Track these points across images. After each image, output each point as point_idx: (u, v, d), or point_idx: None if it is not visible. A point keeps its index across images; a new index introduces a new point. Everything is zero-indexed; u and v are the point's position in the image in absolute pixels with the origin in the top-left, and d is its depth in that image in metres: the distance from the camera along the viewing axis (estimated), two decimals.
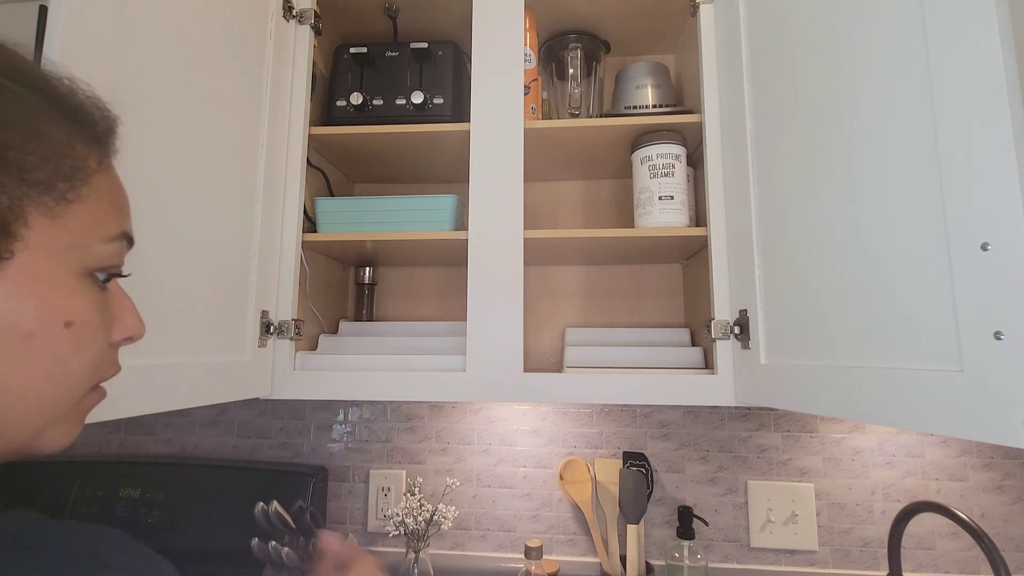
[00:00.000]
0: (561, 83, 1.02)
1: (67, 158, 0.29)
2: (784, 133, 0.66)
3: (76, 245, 0.30)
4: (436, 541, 1.06)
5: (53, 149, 0.29)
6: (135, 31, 0.55)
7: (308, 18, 0.89)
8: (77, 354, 0.30)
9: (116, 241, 0.33)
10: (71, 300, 0.30)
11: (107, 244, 0.32)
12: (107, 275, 0.33)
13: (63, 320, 0.29)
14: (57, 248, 0.29)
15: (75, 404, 0.32)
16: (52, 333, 0.29)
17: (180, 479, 1.04)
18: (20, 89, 0.28)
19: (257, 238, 0.78)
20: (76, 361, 0.30)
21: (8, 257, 0.27)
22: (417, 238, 0.86)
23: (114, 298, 0.34)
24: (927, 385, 0.45)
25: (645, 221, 0.86)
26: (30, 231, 0.27)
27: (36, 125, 0.28)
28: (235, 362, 0.73)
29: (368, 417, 1.12)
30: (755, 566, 1.00)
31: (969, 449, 0.98)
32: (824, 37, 0.59)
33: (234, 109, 0.73)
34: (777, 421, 1.02)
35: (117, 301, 0.35)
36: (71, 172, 0.29)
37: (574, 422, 1.07)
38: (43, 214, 0.28)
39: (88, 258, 0.31)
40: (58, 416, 0.31)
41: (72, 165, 0.30)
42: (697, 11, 0.86)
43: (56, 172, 0.29)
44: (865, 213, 0.53)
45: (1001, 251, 0.40)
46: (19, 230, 0.27)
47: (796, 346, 0.63)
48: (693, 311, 1.00)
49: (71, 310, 0.30)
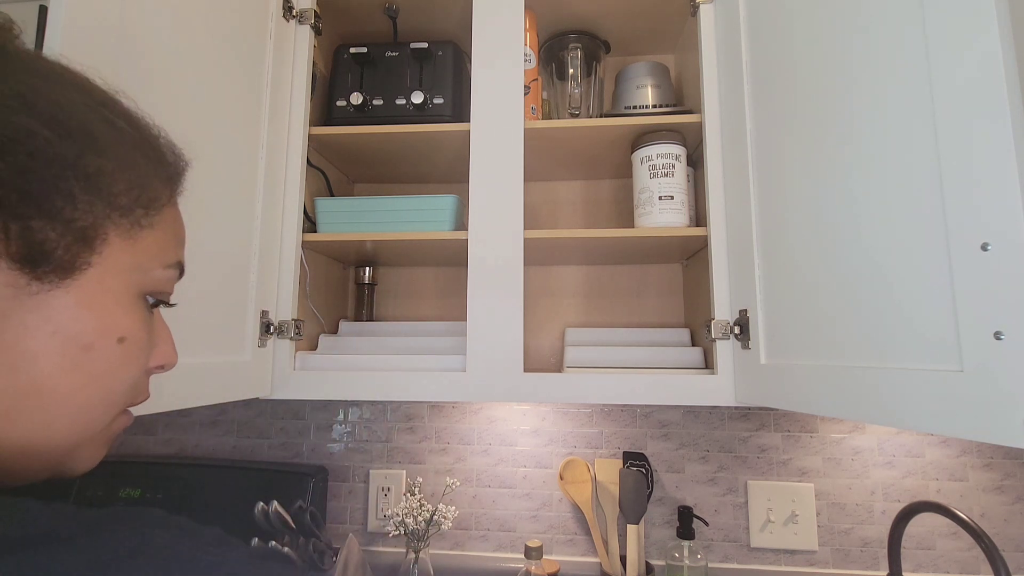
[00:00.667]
0: (561, 83, 1.02)
1: (147, 189, 0.33)
2: (784, 133, 0.66)
3: (140, 267, 0.32)
4: (436, 541, 1.06)
5: (138, 181, 0.32)
6: (135, 31, 0.55)
7: (308, 18, 0.89)
8: (123, 370, 0.32)
9: (172, 269, 0.35)
10: (127, 318, 0.31)
11: (164, 270, 0.34)
12: (156, 300, 0.35)
13: (118, 335, 0.31)
14: (125, 267, 0.31)
15: (108, 424, 0.33)
16: (107, 346, 0.30)
17: (180, 479, 1.04)
18: (122, 124, 0.32)
19: (257, 238, 0.78)
20: (121, 377, 0.32)
21: (84, 268, 0.29)
22: (417, 238, 0.86)
23: (157, 325, 0.36)
24: (927, 385, 0.45)
25: (645, 221, 0.86)
26: (107, 247, 0.30)
27: (130, 158, 0.32)
28: (235, 362, 0.73)
29: (368, 417, 1.12)
30: (755, 566, 1.00)
31: (969, 449, 0.98)
32: (824, 37, 0.59)
33: (234, 109, 0.73)
34: (777, 421, 1.02)
35: (159, 330, 0.36)
36: (148, 201, 0.33)
37: (574, 422, 1.07)
38: (120, 235, 0.31)
39: (147, 281, 0.33)
40: (93, 433, 0.32)
41: (150, 196, 0.33)
42: (697, 11, 0.86)
43: (137, 200, 0.32)
44: (865, 213, 0.53)
45: (1001, 251, 0.40)
46: (98, 245, 0.30)
47: (796, 346, 0.63)
48: (693, 311, 1.00)
49: (126, 327, 0.31)
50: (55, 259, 0.28)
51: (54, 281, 0.28)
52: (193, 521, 0.30)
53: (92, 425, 0.31)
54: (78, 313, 0.29)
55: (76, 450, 0.31)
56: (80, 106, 0.30)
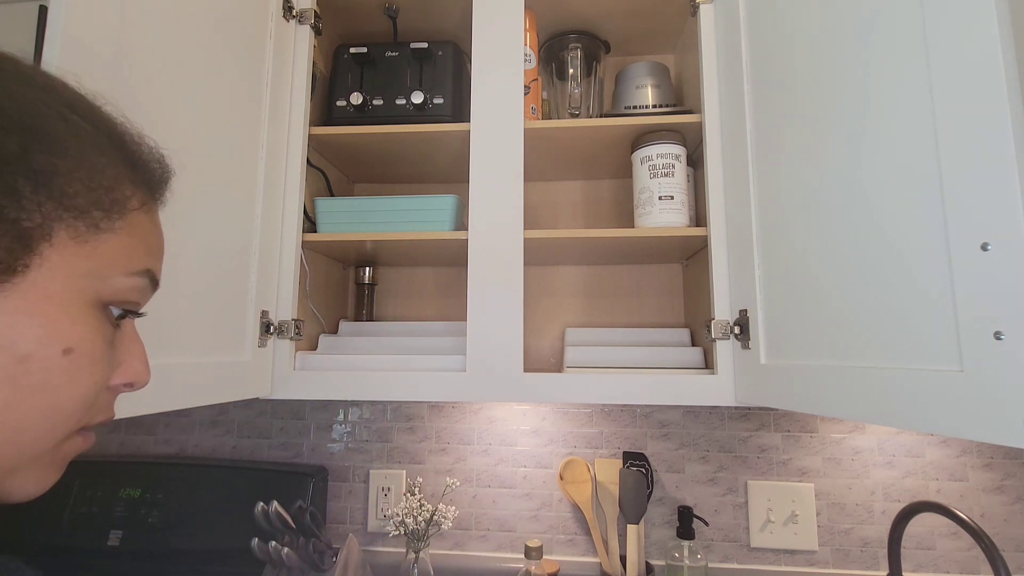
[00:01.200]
0: (561, 83, 1.02)
1: (110, 191, 0.31)
2: (784, 133, 0.66)
3: (96, 274, 0.30)
4: (436, 541, 1.06)
5: (98, 182, 0.30)
6: (135, 31, 0.55)
7: (308, 18, 0.89)
8: (70, 386, 0.29)
9: (138, 276, 0.32)
10: (75, 327, 0.29)
11: (128, 278, 0.31)
12: (123, 311, 0.32)
13: (63, 346, 0.28)
14: (76, 273, 0.29)
15: (56, 445, 0.30)
16: (48, 358, 0.27)
17: (180, 479, 1.04)
18: (83, 124, 0.30)
19: (257, 238, 0.78)
20: (68, 394, 0.29)
21: (22, 271, 0.27)
22: (417, 238, 0.86)
23: (125, 339, 0.33)
24: (927, 385, 0.45)
25: (645, 221, 0.86)
26: (53, 250, 0.28)
27: (88, 157, 0.30)
28: (235, 362, 0.73)
29: (368, 417, 1.12)
30: (755, 566, 1.00)
31: (969, 449, 0.98)
32: (824, 37, 0.59)
33: (234, 109, 0.73)
34: (777, 421, 1.02)
35: (127, 344, 0.34)
36: (110, 204, 0.31)
37: (574, 422, 1.07)
38: (71, 237, 0.29)
39: (106, 289, 0.30)
40: (35, 455, 0.29)
41: (113, 199, 0.31)
42: (697, 11, 0.86)
43: (95, 202, 0.30)
44: (865, 213, 0.53)
45: (1001, 251, 0.40)
46: (42, 247, 0.27)
47: (796, 346, 0.63)
48: (693, 311, 1.00)
49: (73, 337, 0.28)
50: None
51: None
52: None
53: (33, 446, 0.28)
54: (14, 319, 0.26)
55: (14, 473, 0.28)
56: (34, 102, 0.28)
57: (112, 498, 1.03)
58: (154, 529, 1.00)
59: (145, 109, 0.57)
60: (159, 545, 0.99)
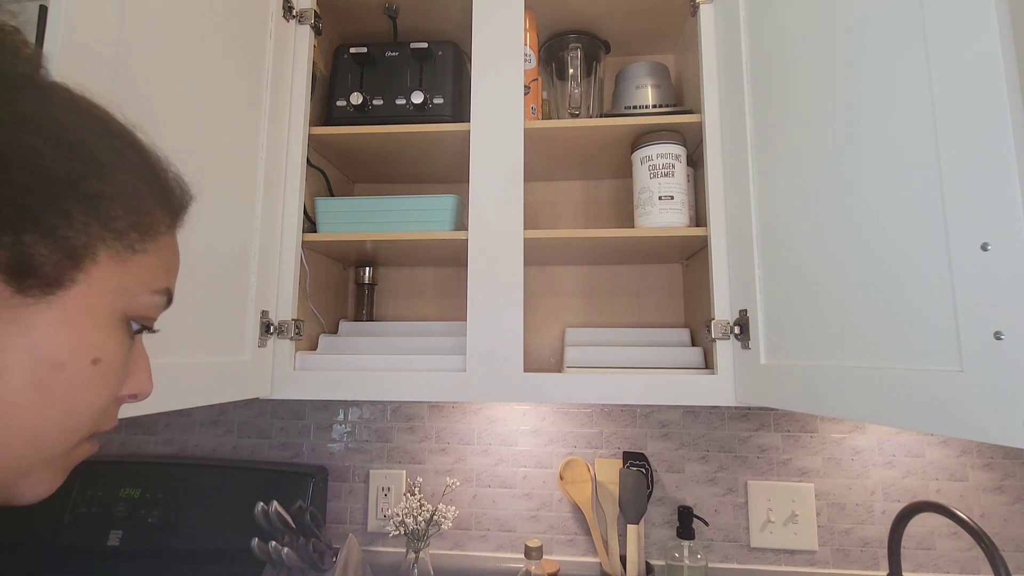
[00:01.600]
0: (561, 83, 1.02)
1: (146, 216, 0.34)
2: (784, 133, 0.66)
3: (126, 290, 0.32)
4: (436, 541, 1.06)
5: (138, 207, 0.33)
6: (135, 31, 0.55)
7: (308, 18, 0.89)
8: (92, 392, 0.31)
9: (159, 294, 0.35)
10: (106, 339, 0.31)
11: (151, 295, 0.34)
12: (140, 327, 0.34)
13: (92, 356, 0.30)
14: (110, 289, 0.31)
15: (69, 449, 0.32)
16: (79, 367, 0.30)
17: (180, 479, 1.04)
18: (129, 153, 0.34)
19: (257, 238, 0.78)
20: (88, 400, 0.31)
21: (68, 286, 0.29)
22: (417, 238, 0.86)
23: (135, 353, 0.35)
24: (927, 385, 0.45)
25: (645, 221, 0.86)
26: (95, 267, 0.30)
27: (133, 186, 0.33)
28: (235, 362, 0.73)
29: (368, 417, 1.12)
30: (755, 566, 1.00)
31: (969, 449, 0.98)
32: (824, 37, 0.59)
33: (234, 109, 0.73)
34: (777, 421, 1.02)
35: (136, 357, 0.36)
36: (146, 228, 0.33)
37: (574, 422, 1.07)
38: (110, 256, 0.31)
39: (132, 304, 0.33)
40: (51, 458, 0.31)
41: (148, 223, 0.34)
42: (697, 11, 0.86)
43: (134, 225, 0.32)
44: (865, 213, 0.53)
45: (1001, 251, 0.40)
46: (87, 265, 0.30)
47: (796, 346, 0.63)
48: (693, 311, 1.00)
49: (102, 348, 0.31)
50: (41, 274, 0.28)
51: (37, 295, 0.28)
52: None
53: (51, 448, 0.30)
54: (55, 329, 0.28)
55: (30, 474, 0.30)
56: (89, 132, 0.31)
57: (112, 498, 1.03)
58: (154, 529, 1.00)
59: (145, 109, 0.57)
60: (159, 545, 1.00)
